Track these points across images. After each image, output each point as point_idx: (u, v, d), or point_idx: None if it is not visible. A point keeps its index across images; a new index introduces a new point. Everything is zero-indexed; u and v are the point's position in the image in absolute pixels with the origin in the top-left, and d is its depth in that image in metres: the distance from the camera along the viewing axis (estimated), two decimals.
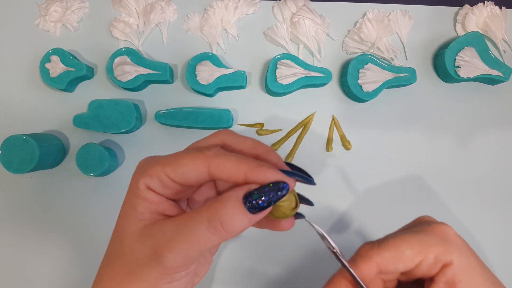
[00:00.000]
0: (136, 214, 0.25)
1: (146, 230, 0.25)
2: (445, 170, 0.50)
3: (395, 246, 0.27)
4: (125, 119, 0.47)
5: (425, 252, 0.27)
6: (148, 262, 0.24)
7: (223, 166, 0.24)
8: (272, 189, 0.23)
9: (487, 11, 0.51)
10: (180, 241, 0.23)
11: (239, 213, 0.23)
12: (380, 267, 0.27)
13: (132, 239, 0.25)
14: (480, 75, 0.48)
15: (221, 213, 0.23)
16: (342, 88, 0.51)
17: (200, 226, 0.23)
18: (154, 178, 0.25)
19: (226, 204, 0.23)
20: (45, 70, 0.49)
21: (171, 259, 0.23)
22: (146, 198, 0.25)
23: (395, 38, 0.52)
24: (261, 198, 0.23)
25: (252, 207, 0.23)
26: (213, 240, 0.23)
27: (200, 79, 0.48)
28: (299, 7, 0.50)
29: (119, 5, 0.51)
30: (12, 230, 0.49)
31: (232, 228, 0.23)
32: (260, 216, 0.23)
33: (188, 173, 0.24)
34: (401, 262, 0.27)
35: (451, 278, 0.27)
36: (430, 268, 0.27)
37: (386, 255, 0.27)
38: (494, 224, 0.50)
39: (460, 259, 0.27)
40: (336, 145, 0.50)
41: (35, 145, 0.44)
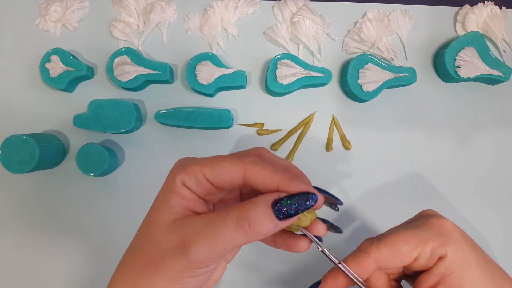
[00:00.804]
0: (168, 207, 0.26)
1: (176, 223, 0.25)
2: (445, 170, 0.50)
3: (392, 243, 0.28)
4: (125, 119, 0.47)
5: (422, 247, 0.28)
6: (173, 253, 0.25)
7: (259, 172, 0.25)
8: (301, 198, 0.24)
9: (487, 11, 0.51)
10: (207, 236, 0.24)
11: (267, 216, 0.24)
12: (379, 263, 0.28)
13: (161, 229, 0.26)
14: (480, 75, 0.48)
15: (250, 213, 0.24)
16: (342, 88, 0.51)
17: (228, 224, 0.24)
18: (191, 176, 0.26)
19: (256, 206, 0.24)
20: (45, 70, 0.49)
21: (196, 252, 0.24)
22: (179, 193, 0.26)
23: (395, 38, 0.52)
24: (290, 205, 0.24)
25: (280, 213, 0.24)
26: (238, 239, 0.24)
27: (200, 79, 0.48)
28: (299, 7, 0.50)
29: (119, 5, 0.51)
30: (12, 230, 0.49)
31: (258, 230, 0.24)
32: (286, 223, 0.24)
33: (224, 175, 0.26)
34: (399, 258, 0.28)
35: (443, 270, 0.28)
36: (428, 262, 0.28)
37: (384, 252, 0.28)
38: (494, 223, 0.50)
39: (455, 253, 0.28)
40: (336, 145, 0.50)
41: (35, 145, 0.44)
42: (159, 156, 0.50)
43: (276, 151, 0.50)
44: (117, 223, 0.49)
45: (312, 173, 0.49)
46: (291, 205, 0.24)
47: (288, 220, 0.24)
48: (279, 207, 0.24)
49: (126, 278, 0.27)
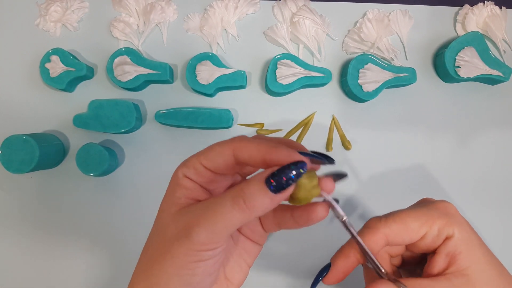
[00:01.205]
0: (174, 198, 0.28)
1: (180, 212, 0.27)
2: (445, 169, 0.50)
3: (401, 218, 0.29)
4: (125, 119, 0.47)
5: (430, 224, 0.28)
6: (178, 237, 0.26)
7: (245, 147, 0.26)
8: (289, 167, 0.24)
9: (487, 11, 0.51)
10: (206, 217, 0.25)
11: (261, 191, 0.24)
12: (387, 238, 0.29)
13: (167, 219, 0.27)
14: (480, 75, 0.48)
15: (244, 191, 0.25)
16: (342, 88, 0.51)
17: (225, 202, 0.25)
18: (190, 167, 0.28)
19: (250, 183, 0.25)
20: (45, 70, 0.49)
21: (197, 233, 0.25)
22: (183, 185, 0.28)
23: (395, 38, 0.52)
24: (280, 176, 0.24)
25: (274, 187, 0.24)
26: (236, 216, 0.25)
27: (200, 79, 0.48)
28: (299, 7, 0.50)
29: (119, 5, 0.51)
30: (12, 230, 0.49)
31: (253, 204, 0.24)
32: (282, 195, 0.25)
33: (216, 157, 0.27)
34: (407, 234, 0.28)
35: (453, 249, 0.28)
36: (434, 241, 0.29)
37: (393, 227, 0.29)
38: (494, 223, 0.50)
39: (461, 233, 0.29)
40: (336, 145, 0.50)
41: (35, 145, 0.44)
42: (159, 156, 0.50)
43: None
44: (117, 223, 0.49)
45: None
46: (280, 176, 0.24)
47: (283, 192, 0.25)
48: (271, 180, 0.24)
49: (142, 269, 0.28)
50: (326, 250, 0.48)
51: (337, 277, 0.30)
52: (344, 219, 0.28)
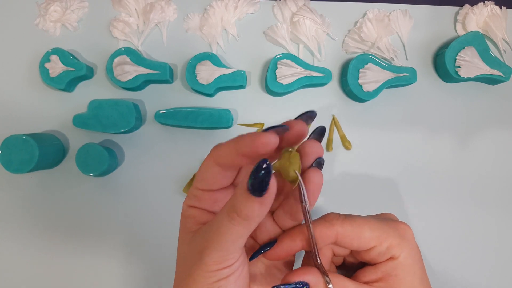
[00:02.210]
0: (186, 229, 0.29)
1: (194, 237, 0.28)
2: (445, 169, 0.50)
3: (358, 224, 0.29)
4: (124, 119, 0.47)
5: (382, 240, 0.28)
6: (194, 262, 0.27)
7: (220, 151, 0.26)
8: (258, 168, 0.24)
9: (488, 11, 0.51)
10: (212, 238, 0.26)
11: (247, 199, 0.24)
12: (337, 237, 0.29)
13: (184, 246, 0.29)
14: (481, 75, 0.48)
15: (233, 203, 0.25)
16: (342, 88, 0.51)
17: (222, 219, 0.25)
18: (190, 196, 0.29)
19: (235, 195, 0.25)
20: (44, 70, 0.48)
21: (208, 255, 0.26)
22: (189, 215, 0.29)
23: (395, 38, 0.52)
24: (254, 180, 0.24)
25: (253, 190, 0.24)
26: (236, 230, 0.25)
27: (200, 79, 0.48)
28: (299, 7, 0.50)
29: (119, 5, 0.51)
30: (12, 230, 0.49)
31: (246, 214, 0.24)
32: (268, 195, 0.24)
33: (204, 174, 0.28)
34: (358, 240, 0.28)
35: (390, 270, 0.29)
36: (379, 256, 0.29)
37: (347, 229, 0.29)
38: (494, 223, 0.50)
39: (406, 259, 0.29)
40: (336, 145, 0.50)
41: (34, 145, 0.44)
42: (159, 156, 0.50)
43: None
44: (117, 223, 0.49)
45: None
46: (255, 180, 0.23)
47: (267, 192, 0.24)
48: (251, 186, 0.24)
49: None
50: None
51: (279, 255, 0.30)
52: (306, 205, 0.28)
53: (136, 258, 0.49)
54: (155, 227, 0.49)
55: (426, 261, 0.49)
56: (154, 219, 0.49)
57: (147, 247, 0.49)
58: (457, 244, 0.49)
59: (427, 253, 0.49)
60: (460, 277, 0.49)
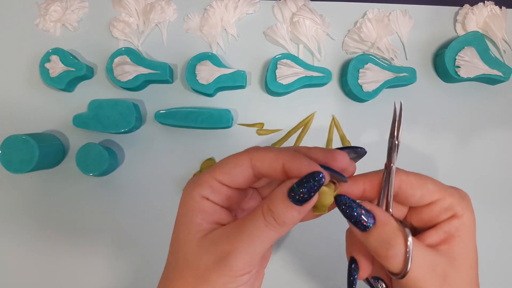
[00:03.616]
0: (195, 225, 0.26)
1: (208, 238, 0.26)
2: (445, 169, 0.50)
3: (421, 178, 0.29)
4: (125, 119, 0.47)
5: (445, 195, 0.28)
6: (215, 266, 0.25)
7: (263, 156, 0.26)
8: (308, 180, 0.24)
9: (487, 11, 0.51)
10: (243, 241, 0.25)
11: (287, 206, 0.24)
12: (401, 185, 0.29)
13: (195, 248, 0.26)
14: (480, 75, 0.48)
15: (271, 208, 0.25)
16: (342, 88, 0.51)
17: (258, 223, 0.25)
18: (205, 186, 0.27)
19: (275, 200, 0.25)
20: (44, 70, 0.48)
21: (237, 259, 0.25)
22: (201, 208, 0.26)
23: (395, 38, 0.52)
24: (300, 189, 0.24)
25: (296, 200, 0.24)
26: (271, 234, 0.25)
27: (200, 79, 0.48)
28: (299, 7, 0.50)
29: (119, 5, 0.51)
30: (12, 230, 0.49)
31: (284, 220, 0.24)
32: (307, 206, 0.25)
33: (233, 169, 0.26)
34: (421, 190, 0.28)
35: (454, 230, 0.27)
36: (440, 213, 0.28)
37: (412, 178, 0.29)
38: (494, 223, 0.50)
39: (469, 219, 0.28)
40: (336, 145, 0.50)
41: (34, 145, 0.44)
42: (159, 156, 0.50)
43: None
44: (117, 223, 0.49)
45: None
46: (301, 189, 0.24)
47: (308, 202, 0.25)
48: (293, 194, 0.24)
49: None
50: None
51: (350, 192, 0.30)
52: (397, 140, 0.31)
53: (136, 258, 0.49)
54: (155, 227, 0.49)
55: None
56: (154, 219, 0.49)
57: (147, 247, 0.49)
58: None
59: None
60: None
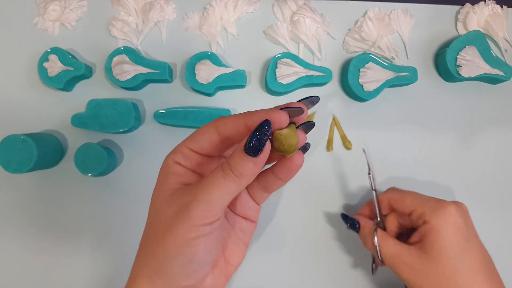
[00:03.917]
0: (166, 185, 0.29)
1: (174, 194, 0.29)
2: (447, 169, 0.50)
3: (403, 193, 0.42)
4: (123, 119, 0.47)
5: (419, 206, 0.39)
6: (177, 216, 0.27)
7: (227, 120, 0.28)
8: (258, 129, 0.26)
9: (488, 10, 0.51)
10: (203, 191, 0.27)
11: (243, 158, 0.26)
12: (389, 200, 0.42)
13: (163, 204, 0.29)
14: (482, 74, 0.48)
15: (230, 162, 0.27)
16: (342, 87, 0.51)
17: (217, 175, 0.27)
18: (178, 153, 0.30)
19: (233, 154, 0.27)
20: (43, 69, 0.48)
21: (196, 208, 0.27)
22: (174, 171, 0.30)
23: (396, 37, 0.51)
24: (251, 140, 0.26)
25: (250, 150, 0.26)
26: (229, 185, 0.27)
27: (200, 78, 0.48)
28: (299, 6, 0.50)
29: (118, 4, 0.51)
30: (10, 230, 0.49)
31: (240, 171, 0.27)
32: (262, 156, 0.27)
33: (202, 137, 0.29)
34: (401, 204, 0.41)
35: (424, 232, 0.38)
36: (417, 219, 0.39)
37: (395, 196, 0.42)
38: (494, 223, 0.49)
39: (437, 223, 0.37)
40: (336, 145, 0.50)
41: (33, 145, 0.44)
42: (158, 156, 0.49)
43: None
44: (115, 223, 0.49)
45: (312, 173, 0.49)
46: (252, 140, 0.26)
47: (262, 153, 0.26)
48: (247, 146, 0.26)
49: (143, 256, 0.30)
50: None
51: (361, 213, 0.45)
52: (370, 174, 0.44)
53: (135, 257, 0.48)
54: None
55: None
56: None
57: None
58: None
59: None
60: None
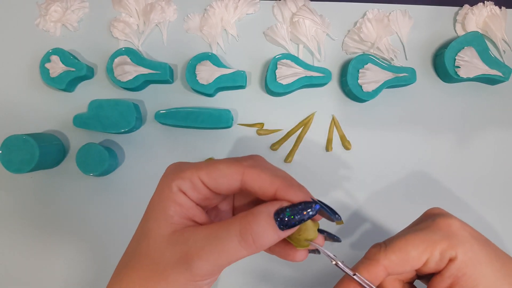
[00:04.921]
0: (166, 217, 0.25)
1: (176, 235, 0.25)
2: (445, 170, 0.50)
3: (400, 248, 0.28)
4: (125, 119, 0.47)
5: (430, 250, 0.27)
6: (176, 266, 0.24)
7: (258, 176, 0.25)
8: (303, 208, 0.24)
9: (487, 11, 0.51)
10: (211, 251, 0.24)
11: (270, 228, 0.23)
12: (388, 270, 0.28)
13: (161, 242, 0.25)
14: (480, 75, 0.48)
15: (253, 227, 0.23)
16: (342, 88, 0.51)
17: (232, 238, 0.24)
18: (187, 180, 0.26)
19: (259, 218, 0.24)
20: (45, 70, 0.49)
21: (200, 267, 0.24)
22: (177, 201, 0.26)
23: (395, 38, 0.52)
24: (293, 215, 0.23)
25: (283, 224, 0.23)
26: (242, 253, 0.24)
27: (200, 79, 0.48)
28: (299, 7, 0.50)
29: (119, 5, 0.51)
30: (12, 230, 0.49)
31: (262, 243, 0.24)
32: (288, 233, 0.24)
33: (222, 178, 0.25)
34: (408, 263, 0.27)
35: (455, 272, 0.27)
36: (438, 264, 0.27)
37: (393, 258, 0.27)
38: (495, 223, 0.50)
39: (465, 253, 0.27)
40: (336, 145, 0.50)
41: (35, 145, 0.44)
42: (159, 156, 0.50)
43: (276, 151, 0.50)
44: (116, 223, 0.49)
45: (312, 173, 0.49)
46: (293, 215, 0.24)
47: (291, 229, 0.24)
48: (281, 217, 0.23)
49: None
50: None
51: None
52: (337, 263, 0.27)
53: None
54: None
55: None
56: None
57: None
58: None
59: None
60: None
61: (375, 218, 0.49)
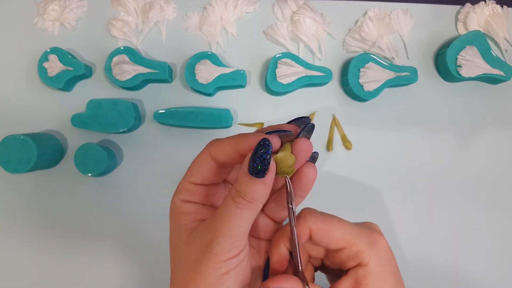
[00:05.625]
0: (181, 227, 0.29)
1: (192, 235, 0.28)
2: (446, 169, 0.50)
3: (330, 223, 0.29)
4: (123, 119, 0.47)
5: (351, 243, 0.29)
6: (202, 256, 0.26)
7: (218, 147, 0.28)
8: (258, 150, 0.26)
9: (489, 10, 0.51)
10: (221, 227, 0.26)
11: (251, 181, 0.26)
12: (311, 233, 0.29)
13: (184, 246, 0.28)
14: (482, 74, 0.48)
15: (238, 189, 0.26)
16: (342, 87, 0.51)
17: (229, 206, 0.26)
18: (183, 191, 0.29)
19: (239, 179, 0.26)
20: (43, 69, 0.48)
21: (219, 243, 0.26)
22: (184, 211, 0.29)
23: (396, 37, 0.51)
24: (255, 160, 0.25)
25: (255, 172, 0.25)
26: (245, 213, 0.26)
27: (200, 78, 0.48)
28: (299, 6, 0.50)
29: (118, 4, 0.51)
30: (10, 230, 0.49)
31: (251, 196, 0.26)
32: (269, 175, 0.26)
33: (199, 168, 0.29)
34: (328, 238, 0.29)
35: (361, 278, 0.28)
36: (348, 259, 0.29)
37: (320, 225, 0.29)
38: (495, 223, 0.49)
39: (377, 266, 0.28)
40: (336, 145, 0.50)
41: (33, 145, 0.44)
42: (158, 156, 0.49)
43: None
44: (115, 223, 0.49)
45: None
46: (256, 160, 0.25)
47: (269, 172, 0.26)
48: (252, 168, 0.25)
49: None
50: None
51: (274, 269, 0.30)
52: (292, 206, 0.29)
53: (135, 258, 0.48)
54: (154, 227, 0.48)
55: (426, 261, 0.49)
56: (153, 219, 0.48)
57: (146, 247, 0.48)
58: (459, 244, 0.49)
59: (428, 253, 0.48)
60: (462, 277, 0.49)
61: (375, 218, 0.49)
